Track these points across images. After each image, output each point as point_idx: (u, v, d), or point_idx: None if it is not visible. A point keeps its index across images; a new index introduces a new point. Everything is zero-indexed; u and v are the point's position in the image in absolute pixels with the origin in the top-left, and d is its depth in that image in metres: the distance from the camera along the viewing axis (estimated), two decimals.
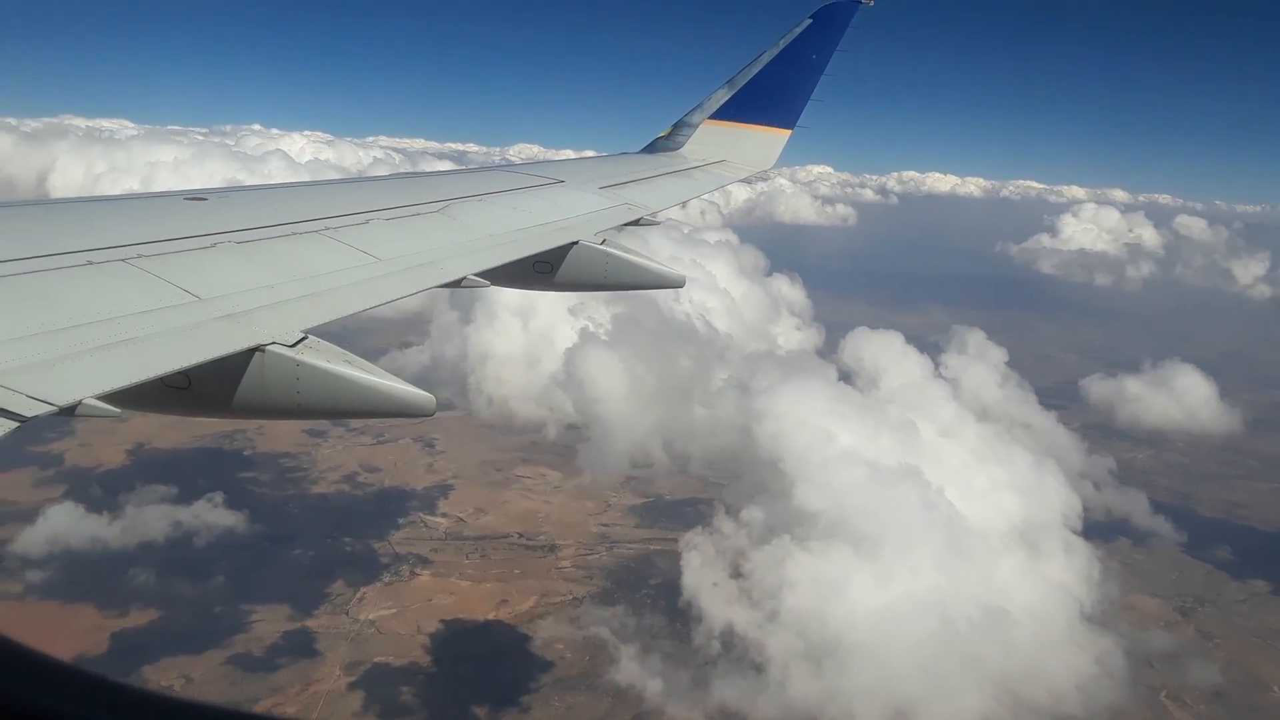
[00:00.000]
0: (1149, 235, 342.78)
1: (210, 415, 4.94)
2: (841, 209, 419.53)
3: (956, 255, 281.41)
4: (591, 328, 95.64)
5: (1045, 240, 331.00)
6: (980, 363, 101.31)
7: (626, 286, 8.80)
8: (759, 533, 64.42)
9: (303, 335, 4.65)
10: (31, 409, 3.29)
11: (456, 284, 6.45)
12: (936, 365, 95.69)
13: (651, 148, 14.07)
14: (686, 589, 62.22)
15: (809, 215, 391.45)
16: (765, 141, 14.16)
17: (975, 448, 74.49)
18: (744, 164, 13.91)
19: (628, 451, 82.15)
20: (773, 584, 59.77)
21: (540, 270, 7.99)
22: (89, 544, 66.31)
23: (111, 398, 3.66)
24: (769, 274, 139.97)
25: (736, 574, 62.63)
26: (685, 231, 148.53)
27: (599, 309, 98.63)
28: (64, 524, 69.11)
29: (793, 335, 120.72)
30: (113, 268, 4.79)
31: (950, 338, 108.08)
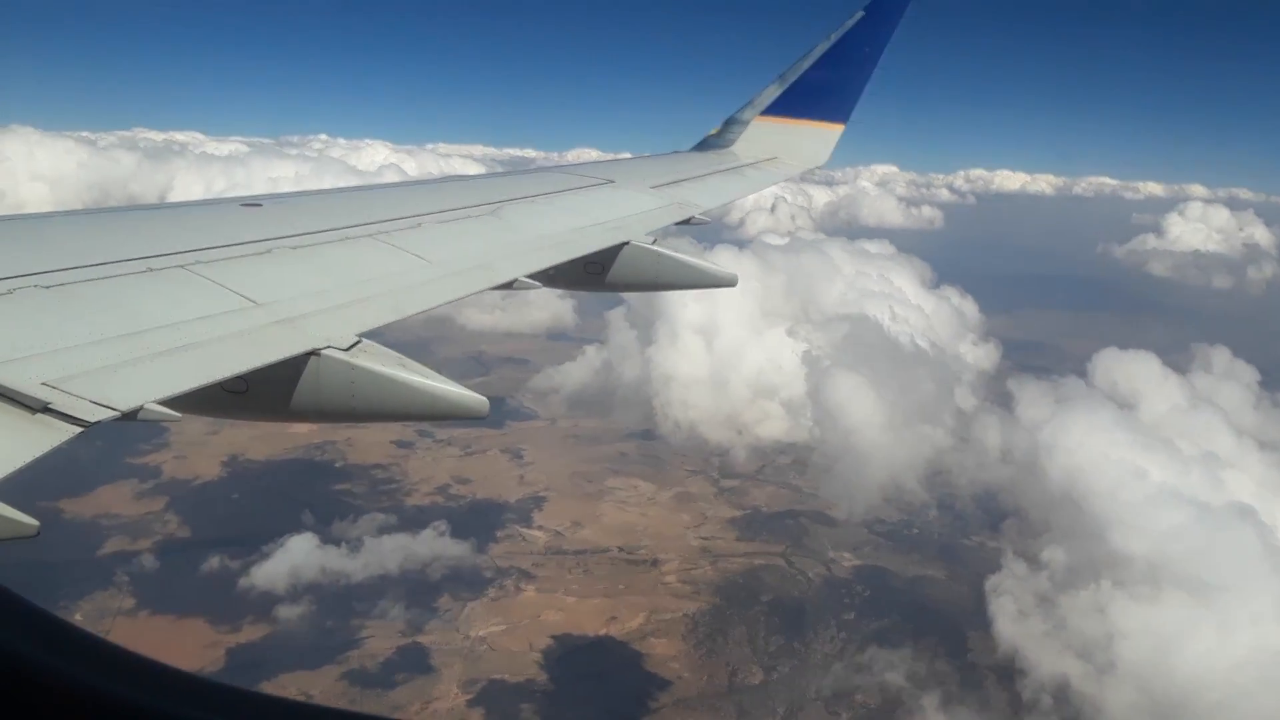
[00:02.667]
0: (1260, 234, 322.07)
1: (267, 419, 5.00)
2: (927, 211, 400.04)
3: (1059, 258, 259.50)
4: (814, 350, 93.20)
5: (1152, 241, 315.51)
6: (1230, 383, 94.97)
7: (678, 286, 8.67)
8: (1063, 575, 60.45)
9: (357, 339, 4.72)
10: (94, 414, 3.36)
11: (508, 286, 6.39)
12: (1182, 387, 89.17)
13: (703, 145, 13.72)
14: (1001, 637, 58.12)
15: (895, 218, 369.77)
16: (818, 137, 13.82)
17: (1264, 478, 68.79)
18: (797, 160, 13.61)
19: (879, 482, 78.19)
20: (1098, 633, 55.51)
21: (591, 271, 7.95)
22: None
23: (171, 402, 3.70)
24: (937, 285, 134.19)
25: (1048, 619, 58.62)
26: (853, 244, 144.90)
27: (817, 331, 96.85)
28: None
29: (976, 351, 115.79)
30: (172, 274, 4.89)
31: (1192, 357, 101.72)
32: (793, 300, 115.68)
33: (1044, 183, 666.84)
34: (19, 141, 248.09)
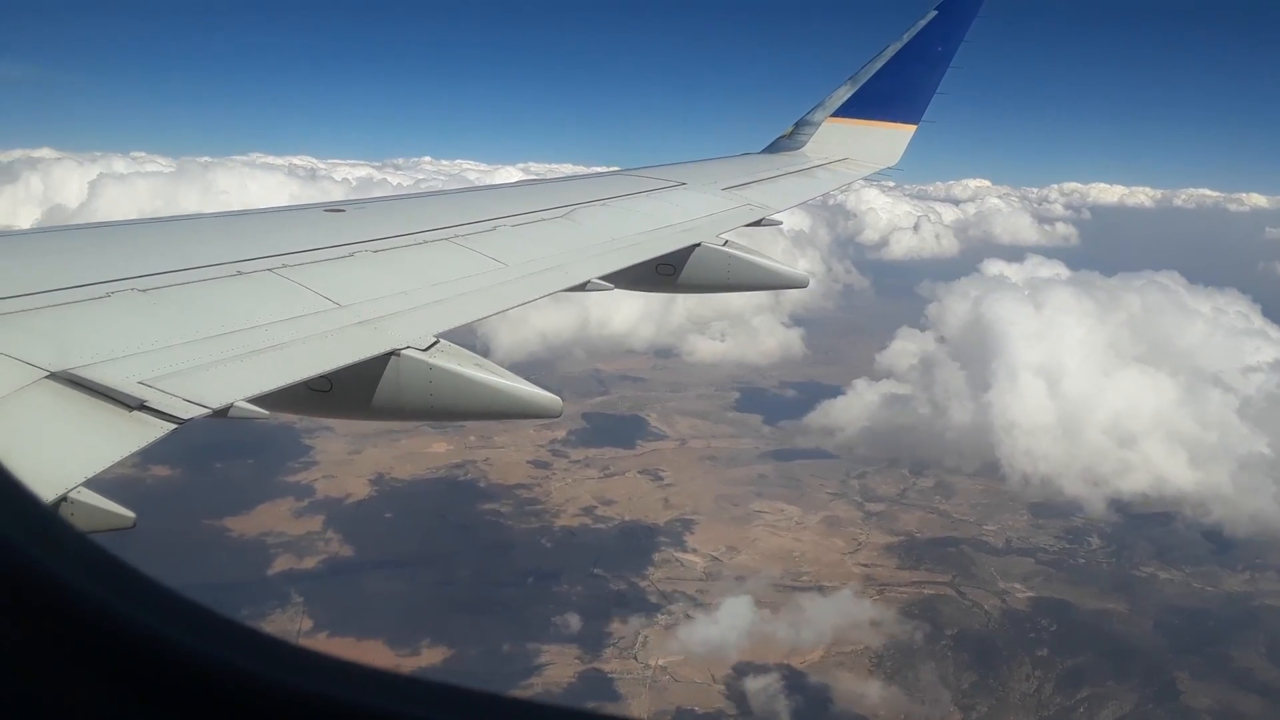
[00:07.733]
0: None
1: (348, 416, 5.11)
2: (1063, 228, 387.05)
3: (1224, 277, 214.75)
4: (1222, 405, 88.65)
5: None
6: None
7: (749, 287, 8.65)
8: None
9: (435, 339, 4.79)
10: (187, 411, 3.44)
11: (581, 288, 6.44)
12: None
13: (773, 147, 13.69)
14: None
15: (1029, 235, 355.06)
16: (889, 138, 13.73)
17: None
18: (868, 161, 13.52)
19: None
20: None
21: (663, 272, 7.98)
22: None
23: (259, 400, 3.77)
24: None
25: None
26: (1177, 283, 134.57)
27: (1242, 379, 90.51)
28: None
29: None
30: (260, 277, 5.00)
31: None
32: (1141, 341, 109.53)
33: (1142, 195, 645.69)
34: (231, 174, 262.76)
